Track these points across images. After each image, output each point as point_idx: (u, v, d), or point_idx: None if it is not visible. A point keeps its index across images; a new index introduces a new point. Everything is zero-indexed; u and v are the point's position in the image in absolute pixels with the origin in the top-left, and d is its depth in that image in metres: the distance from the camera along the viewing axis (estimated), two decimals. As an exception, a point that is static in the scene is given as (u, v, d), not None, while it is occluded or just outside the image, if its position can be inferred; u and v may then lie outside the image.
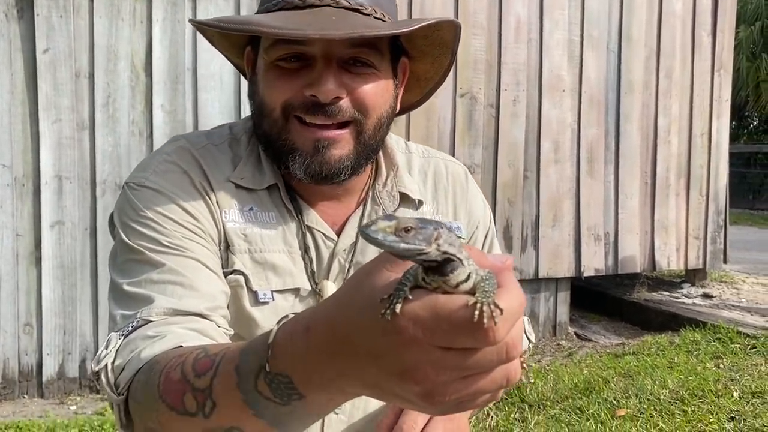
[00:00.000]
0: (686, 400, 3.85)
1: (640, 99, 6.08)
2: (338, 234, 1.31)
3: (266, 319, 1.23)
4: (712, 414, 3.65)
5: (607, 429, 3.61)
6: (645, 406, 3.82)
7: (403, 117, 5.08)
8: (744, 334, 5.06)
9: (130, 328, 1.07)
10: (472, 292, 0.64)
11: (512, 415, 3.91)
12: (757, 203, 19.50)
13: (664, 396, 3.93)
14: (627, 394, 4.00)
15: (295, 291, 1.27)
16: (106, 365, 1.04)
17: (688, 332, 5.24)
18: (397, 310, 0.64)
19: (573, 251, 5.87)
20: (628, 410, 3.78)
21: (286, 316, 0.81)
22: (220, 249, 1.24)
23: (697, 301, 6.22)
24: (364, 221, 1.36)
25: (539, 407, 4.00)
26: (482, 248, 1.46)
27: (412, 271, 0.66)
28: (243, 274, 1.23)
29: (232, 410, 0.83)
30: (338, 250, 1.30)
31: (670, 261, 6.27)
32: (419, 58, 1.34)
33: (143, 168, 1.27)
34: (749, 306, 6.07)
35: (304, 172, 1.23)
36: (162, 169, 1.25)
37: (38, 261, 4.51)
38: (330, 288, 1.28)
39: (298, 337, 0.75)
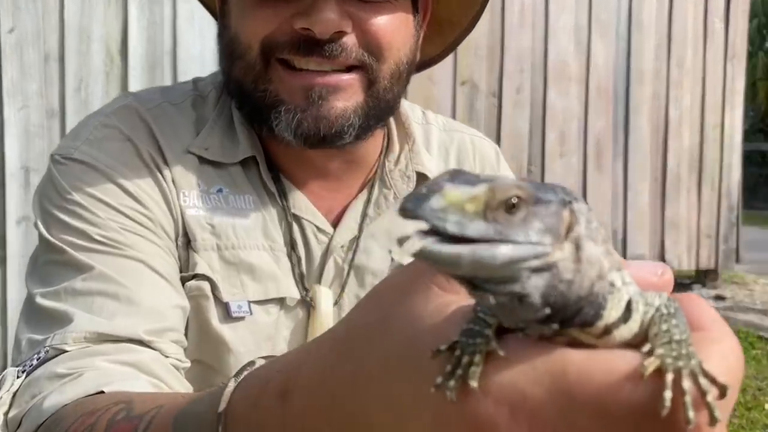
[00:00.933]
0: (713, 413, 3.53)
1: (650, 89, 5.79)
2: (335, 225, 1.05)
3: (241, 341, 0.95)
4: (745, 429, 3.36)
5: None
6: (668, 420, 3.51)
7: (401, 105, 4.75)
8: (765, 339, 4.76)
9: (35, 361, 0.80)
10: (638, 341, 0.33)
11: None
12: (753, 202, 19.41)
13: (688, 408, 3.62)
14: (647, 406, 3.69)
15: (280, 301, 0.99)
16: None
17: (704, 336, 4.94)
18: (474, 383, 0.32)
19: (580, 250, 5.56)
20: (651, 425, 3.48)
21: (252, 362, 0.51)
22: (177, 245, 0.96)
23: (710, 303, 5.90)
24: (371, 209, 1.08)
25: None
26: None
27: None
28: (209, 279, 0.95)
29: None
30: (334, 247, 1.02)
31: (681, 261, 5.98)
32: None
33: (74, 135, 0.99)
34: (766, 309, 5.77)
35: (294, 132, 0.94)
36: (97, 136, 0.97)
37: (2, 260, 4.22)
38: (324, 295, 1.00)
39: (270, 405, 0.46)
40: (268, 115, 0.95)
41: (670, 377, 0.30)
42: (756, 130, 24.66)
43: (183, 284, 0.94)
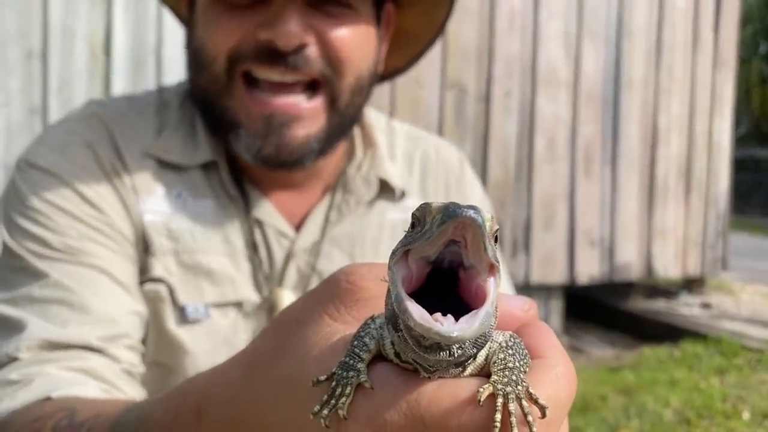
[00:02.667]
0: (692, 421, 3.53)
1: (639, 96, 5.76)
2: (297, 229, 1.06)
3: (198, 344, 0.97)
4: (724, 439, 3.32)
5: (607, 455, 3.27)
6: (648, 428, 3.48)
7: (384, 106, 4.71)
8: (748, 348, 4.74)
9: None
10: (485, 372, 0.37)
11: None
12: (746, 209, 19.42)
13: (668, 416, 3.61)
14: (627, 414, 3.68)
15: (238, 304, 1.00)
16: None
17: (688, 344, 4.93)
18: (343, 413, 0.38)
19: (566, 257, 5.53)
20: (630, 433, 3.44)
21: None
22: (138, 251, 0.98)
23: (696, 311, 5.90)
24: (333, 213, 1.10)
25: (531, 428, 3.65)
26: None
27: (373, 326, 0.38)
28: (165, 282, 0.96)
29: None
30: (296, 250, 1.03)
31: (668, 268, 5.96)
32: (408, 5, 1.08)
33: (39, 141, 1.02)
34: (751, 317, 5.76)
35: (254, 156, 0.96)
36: (60, 143, 0.98)
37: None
38: (287, 299, 1.01)
39: (187, 422, 0.50)
40: (226, 132, 0.97)
41: (500, 401, 0.35)
42: (750, 136, 24.70)
43: (141, 287, 0.96)
